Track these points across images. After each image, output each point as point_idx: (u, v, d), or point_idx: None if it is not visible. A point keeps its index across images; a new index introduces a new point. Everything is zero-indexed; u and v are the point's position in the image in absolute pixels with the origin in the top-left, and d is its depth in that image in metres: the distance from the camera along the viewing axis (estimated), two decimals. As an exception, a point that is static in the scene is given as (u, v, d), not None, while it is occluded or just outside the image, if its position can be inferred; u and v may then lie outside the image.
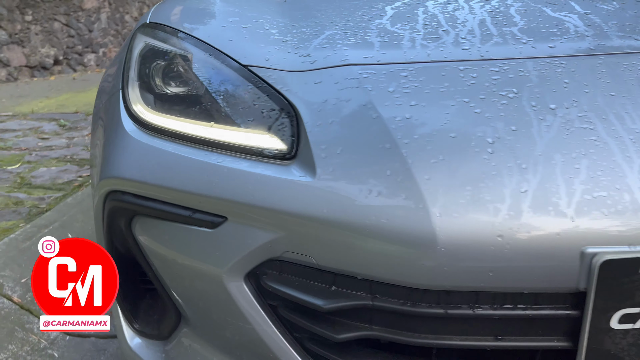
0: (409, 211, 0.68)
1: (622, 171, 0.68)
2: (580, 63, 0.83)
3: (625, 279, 0.65)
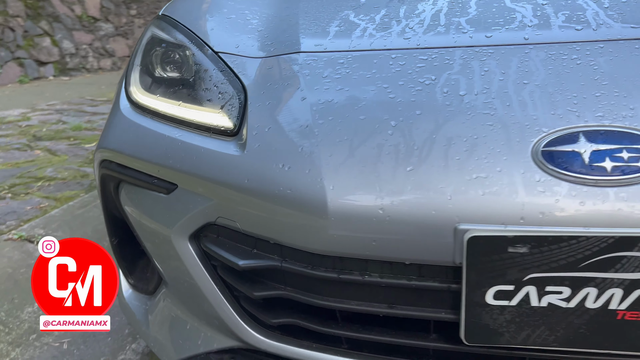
0: (309, 183, 0.76)
1: (507, 155, 0.71)
2: (508, 52, 0.85)
3: (496, 257, 0.68)
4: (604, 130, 0.70)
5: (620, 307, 0.68)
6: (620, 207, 0.65)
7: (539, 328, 0.71)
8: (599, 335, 0.70)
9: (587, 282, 0.67)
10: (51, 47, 9.06)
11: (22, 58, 8.47)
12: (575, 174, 0.67)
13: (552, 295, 0.69)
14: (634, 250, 0.65)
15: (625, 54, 0.80)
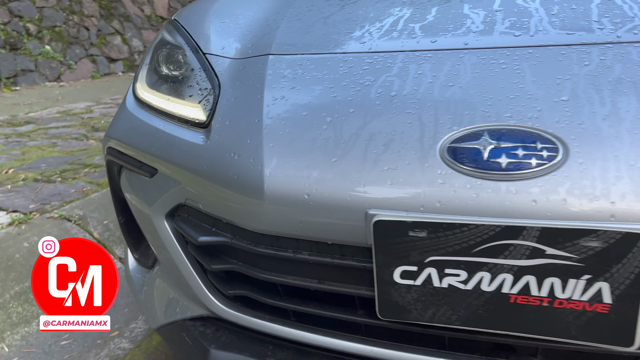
0: (251, 170, 0.87)
1: (418, 150, 0.79)
2: (444, 57, 0.92)
3: (399, 240, 0.77)
4: (507, 130, 0.76)
5: (511, 291, 0.74)
6: (510, 200, 0.72)
7: (443, 307, 0.79)
8: (495, 317, 0.77)
9: (481, 267, 0.74)
10: (121, 45, 9.64)
11: (94, 55, 9.07)
12: (473, 168, 0.74)
13: (451, 277, 0.76)
14: (519, 239, 0.71)
15: (550, 59, 0.85)
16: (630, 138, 0.71)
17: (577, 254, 0.69)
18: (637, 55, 0.82)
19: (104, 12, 9.68)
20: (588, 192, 0.69)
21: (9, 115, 4.93)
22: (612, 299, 0.70)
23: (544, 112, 0.77)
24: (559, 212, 0.70)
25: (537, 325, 0.75)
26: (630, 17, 0.91)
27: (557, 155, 0.72)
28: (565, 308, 0.73)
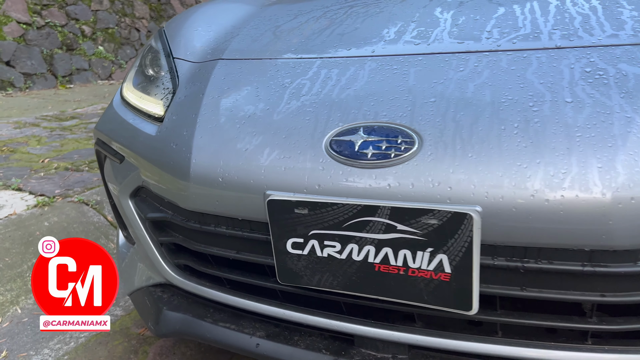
0: (182, 157, 1.05)
1: (309, 142, 0.94)
2: (350, 63, 1.06)
3: (287, 216, 0.92)
4: (378, 126, 0.91)
5: (375, 260, 0.88)
6: (370, 184, 0.86)
7: (325, 274, 0.94)
8: (365, 283, 0.91)
9: (350, 239, 0.89)
10: (169, 45, 10.06)
11: (144, 55, 9.52)
12: (346, 158, 0.89)
13: (329, 248, 0.91)
14: (375, 216, 0.85)
15: (434, 65, 0.99)
16: (474, 135, 0.84)
17: (421, 229, 0.83)
18: (505, 63, 0.94)
19: (154, 14, 10.17)
20: (431, 179, 0.83)
21: (58, 110, 5.35)
22: (451, 268, 0.83)
23: (413, 111, 0.91)
24: (407, 194, 0.84)
25: (398, 290, 0.89)
26: (518, 28, 1.03)
27: (413, 148, 0.86)
28: (417, 276, 0.86)
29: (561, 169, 0.77)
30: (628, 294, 0.80)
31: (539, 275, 0.82)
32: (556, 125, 0.81)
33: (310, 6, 1.48)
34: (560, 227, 0.77)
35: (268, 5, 1.63)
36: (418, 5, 1.24)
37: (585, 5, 1.07)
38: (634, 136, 0.77)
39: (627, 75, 0.85)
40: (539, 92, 0.86)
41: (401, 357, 0.99)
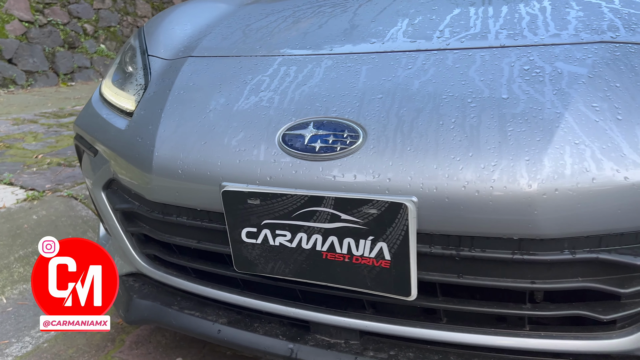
0: (147, 150, 1.09)
1: (264, 135, 0.98)
2: (307, 60, 1.11)
3: (241, 206, 0.97)
4: (327, 121, 0.95)
5: (322, 249, 0.93)
6: (317, 176, 0.91)
7: (278, 262, 0.98)
8: (315, 270, 0.95)
9: (299, 229, 0.93)
10: (171, 43, 10.12)
11: (146, 53, 9.58)
12: (296, 151, 0.93)
13: (280, 237, 0.96)
14: (321, 207, 0.90)
15: (385, 63, 1.03)
16: (414, 130, 0.88)
17: (362, 219, 0.87)
18: (451, 61, 0.98)
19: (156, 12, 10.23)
20: (372, 170, 0.87)
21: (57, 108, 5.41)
22: (390, 256, 0.88)
23: (361, 107, 0.95)
24: (350, 185, 0.88)
25: (343, 277, 0.93)
26: (469, 28, 1.07)
27: (357, 141, 0.90)
28: (360, 263, 0.91)
29: (491, 161, 0.81)
30: (557, 281, 0.84)
31: (474, 262, 0.86)
32: (490, 120, 0.85)
33: (283, 6, 1.52)
34: (490, 216, 0.81)
35: (246, 4, 1.67)
36: (381, 6, 1.28)
37: (536, 5, 1.11)
38: (561, 131, 0.81)
39: (562, 73, 0.89)
40: (479, 88, 0.90)
41: (353, 343, 1.03)
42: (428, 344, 0.99)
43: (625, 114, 0.82)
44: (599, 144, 0.79)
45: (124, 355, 1.49)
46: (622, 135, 0.80)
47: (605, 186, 0.77)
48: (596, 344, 0.89)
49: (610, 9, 1.03)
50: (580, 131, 0.81)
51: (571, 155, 0.79)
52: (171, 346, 1.52)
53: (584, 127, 0.81)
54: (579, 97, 0.84)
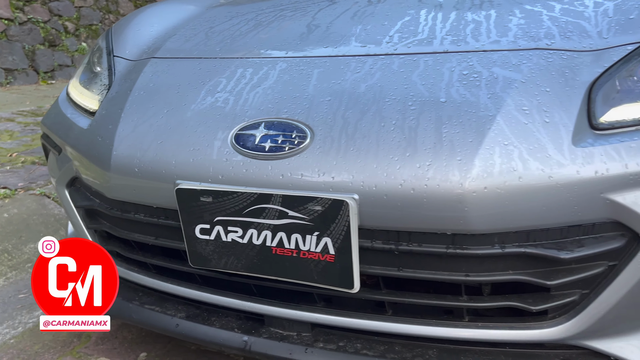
0: (106, 150, 1.12)
1: (217, 135, 1.02)
2: (263, 63, 1.15)
3: (194, 204, 1.00)
4: (278, 122, 0.99)
5: (272, 244, 0.97)
6: (266, 174, 0.95)
7: (231, 257, 1.02)
8: (265, 265, 0.99)
9: (250, 225, 0.97)
10: (154, 42, 10.08)
11: (127, 51, 9.53)
12: (247, 150, 0.97)
13: (233, 233, 1.00)
14: (270, 204, 0.94)
15: (335, 67, 1.07)
16: (357, 131, 0.93)
17: (308, 215, 0.92)
18: (396, 65, 1.03)
19: (138, 11, 10.16)
20: (318, 169, 0.91)
21: (36, 106, 5.37)
22: (334, 250, 0.92)
23: (310, 108, 0.99)
24: (297, 183, 0.92)
25: (292, 271, 0.97)
26: (417, 33, 1.12)
27: (305, 142, 0.94)
28: (307, 258, 0.95)
29: (427, 161, 0.86)
30: (489, 274, 0.90)
31: (412, 256, 0.91)
32: (427, 122, 0.90)
33: (247, 9, 1.56)
34: (424, 213, 0.86)
35: (213, 7, 1.71)
36: (339, 11, 1.33)
37: (482, 13, 1.16)
38: (492, 133, 0.86)
39: (498, 78, 0.94)
40: (420, 92, 0.95)
41: (305, 335, 1.08)
42: (375, 335, 1.04)
43: (552, 117, 0.87)
44: (527, 145, 0.85)
45: (89, 351, 1.51)
46: (548, 137, 0.85)
47: (531, 184, 0.83)
48: (529, 334, 0.94)
49: (549, 17, 1.09)
50: (510, 133, 0.86)
51: (500, 155, 0.84)
52: (137, 341, 1.55)
53: (513, 129, 0.86)
54: (511, 101, 0.89)
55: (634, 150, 0.83)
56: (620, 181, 0.82)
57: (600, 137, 0.86)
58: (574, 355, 0.96)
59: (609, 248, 0.86)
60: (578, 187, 0.82)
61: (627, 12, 1.03)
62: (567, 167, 0.83)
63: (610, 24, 1.02)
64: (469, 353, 0.98)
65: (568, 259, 0.85)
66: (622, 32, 0.99)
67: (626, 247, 0.86)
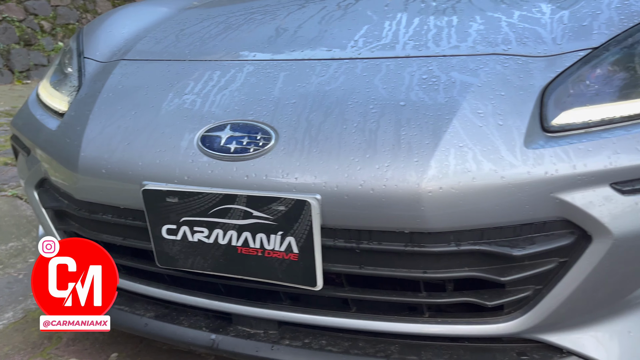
0: (74, 151, 1.13)
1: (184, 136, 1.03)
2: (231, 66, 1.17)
3: (160, 204, 1.02)
4: (243, 123, 1.01)
5: (237, 244, 0.99)
6: (232, 175, 0.97)
7: (197, 257, 1.04)
8: (231, 264, 1.01)
9: (216, 225, 0.99)
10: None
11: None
12: (213, 152, 0.99)
13: (199, 234, 1.01)
14: (235, 204, 0.96)
15: (301, 70, 1.10)
16: (320, 133, 0.95)
17: (272, 215, 0.94)
18: (360, 69, 1.06)
19: (116, 10, 10.05)
20: (282, 170, 0.94)
21: (10, 106, 5.30)
22: (298, 249, 0.94)
23: (275, 111, 1.02)
24: (262, 184, 0.94)
25: (257, 270, 1.00)
26: (381, 38, 1.15)
27: (269, 143, 0.97)
28: (272, 257, 0.97)
29: (385, 162, 0.89)
30: (446, 271, 0.93)
31: (372, 254, 0.94)
32: (387, 125, 0.93)
33: (218, 11, 1.58)
34: (383, 212, 0.89)
35: (185, 9, 1.72)
36: (307, 15, 1.35)
37: (444, 18, 1.20)
38: (448, 135, 0.89)
39: (455, 82, 0.98)
40: (381, 95, 0.98)
41: (272, 333, 1.10)
42: (340, 332, 1.07)
43: (506, 120, 0.91)
44: (481, 147, 0.88)
45: (60, 352, 1.51)
46: (501, 139, 0.89)
47: (484, 185, 0.86)
48: (486, 328, 0.98)
49: (508, 23, 1.13)
50: (465, 135, 0.89)
51: (455, 157, 0.87)
52: (108, 342, 1.55)
53: (468, 131, 0.90)
54: (467, 105, 0.93)
55: (582, 152, 0.87)
56: (568, 181, 0.86)
57: (551, 139, 0.90)
58: (528, 349, 1.00)
59: (559, 245, 0.90)
60: (529, 187, 0.86)
61: (581, 20, 1.07)
62: (518, 168, 0.86)
63: (564, 31, 1.06)
64: (429, 348, 1.02)
65: (520, 255, 0.89)
66: (575, 38, 1.03)
67: (575, 244, 0.90)
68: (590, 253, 0.89)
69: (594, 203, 0.87)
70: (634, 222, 0.88)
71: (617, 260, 0.90)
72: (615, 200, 0.87)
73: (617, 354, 0.98)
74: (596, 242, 0.88)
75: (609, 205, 0.87)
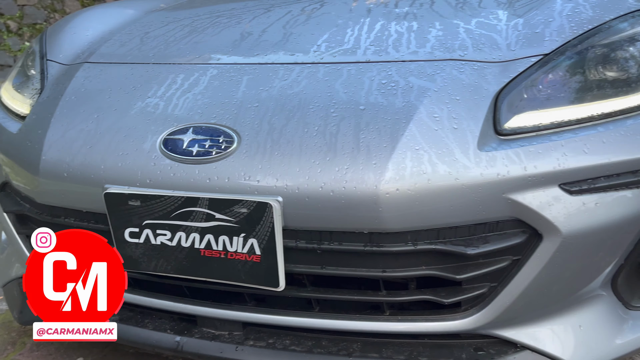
0: (35, 154, 1.12)
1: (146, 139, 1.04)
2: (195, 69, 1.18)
3: (123, 207, 1.02)
4: (206, 126, 1.02)
5: (200, 246, 1.00)
6: (194, 178, 0.98)
7: (160, 260, 1.04)
8: (194, 267, 1.02)
9: (178, 228, 1.00)
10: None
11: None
12: (175, 155, 1.00)
13: (161, 236, 1.02)
14: (197, 207, 0.97)
15: (264, 74, 1.11)
16: (282, 136, 0.97)
17: (234, 217, 0.95)
18: (322, 74, 1.08)
19: (85, 10, 9.88)
20: (244, 173, 0.95)
21: (-27, 108, 5.16)
22: (260, 251, 0.96)
23: (238, 114, 1.03)
24: (224, 187, 0.96)
25: (221, 272, 1.01)
26: (343, 43, 1.18)
27: (232, 146, 0.98)
28: (235, 259, 0.98)
29: (345, 165, 0.91)
30: (404, 270, 0.96)
31: (334, 255, 0.96)
32: (347, 129, 0.95)
33: (184, 14, 1.58)
34: (343, 213, 0.91)
35: (151, 11, 1.72)
36: (272, 20, 1.37)
37: (405, 24, 1.23)
38: (405, 138, 0.92)
39: (413, 87, 1.01)
40: (341, 100, 1.01)
41: (236, 334, 1.11)
42: (304, 331, 1.09)
43: (460, 124, 0.94)
44: (436, 149, 0.91)
45: (24, 358, 1.49)
46: (456, 142, 0.92)
47: (439, 186, 0.89)
48: (444, 325, 1.01)
49: (465, 29, 1.16)
50: (421, 138, 0.92)
51: (411, 159, 0.90)
52: (73, 347, 1.54)
53: (424, 135, 0.93)
54: (424, 109, 0.96)
55: (532, 154, 0.91)
56: (520, 182, 0.90)
57: (503, 142, 0.93)
58: (485, 344, 1.03)
59: (512, 244, 0.94)
60: (482, 188, 0.89)
61: (534, 27, 1.12)
62: (472, 169, 0.89)
63: (518, 37, 1.10)
64: (390, 345, 1.04)
65: (474, 254, 0.92)
66: (528, 44, 1.07)
67: (527, 242, 0.94)
68: (541, 251, 0.93)
69: (544, 203, 0.91)
70: (582, 221, 0.92)
71: (566, 258, 0.94)
72: (564, 200, 0.91)
73: (569, 347, 1.03)
74: (546, 240, 0.92)
75: (558, 205, 0.91)
